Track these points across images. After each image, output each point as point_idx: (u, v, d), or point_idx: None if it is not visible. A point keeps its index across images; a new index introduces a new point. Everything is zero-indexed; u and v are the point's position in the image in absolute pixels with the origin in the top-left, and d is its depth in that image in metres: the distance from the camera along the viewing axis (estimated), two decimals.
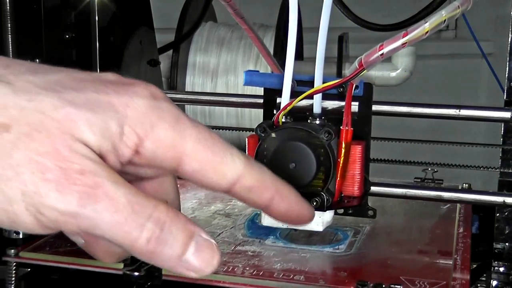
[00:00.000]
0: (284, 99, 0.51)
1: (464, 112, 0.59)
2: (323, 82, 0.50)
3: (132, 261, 0.56)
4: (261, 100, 0.59)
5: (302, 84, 0.52)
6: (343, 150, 0.50)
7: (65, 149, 0.29)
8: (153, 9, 0.94)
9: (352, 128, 0.50)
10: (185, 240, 0.31)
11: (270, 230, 0.64)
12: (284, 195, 0.36)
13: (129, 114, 0.31)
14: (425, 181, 0.70)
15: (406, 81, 1.08)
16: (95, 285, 0.59)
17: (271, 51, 0.95)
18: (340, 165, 0.50)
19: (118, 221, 0.29)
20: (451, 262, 0.57)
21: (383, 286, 0.51)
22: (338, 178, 0.50)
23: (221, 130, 1.03)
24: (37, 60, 0.68)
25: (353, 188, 0.52)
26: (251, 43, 1.01)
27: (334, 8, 0.50)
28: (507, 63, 0.66)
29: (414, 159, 0.75)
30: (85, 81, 0.31)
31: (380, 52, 0.47)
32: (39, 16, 0.73)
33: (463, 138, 0.79)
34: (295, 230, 0.63)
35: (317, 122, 0.51)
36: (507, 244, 0.66)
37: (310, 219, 0.38)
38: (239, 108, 0.99)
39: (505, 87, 0.66)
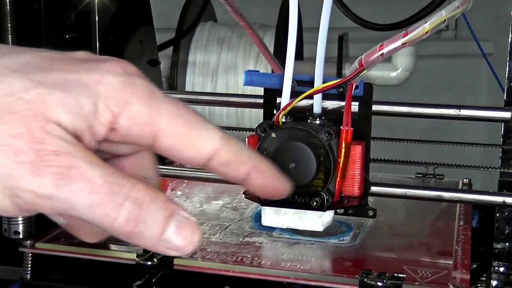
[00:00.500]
0: (284, 99, 0.51)
1: (464, 112, 0.59)
2: (323, 82, 0.50)
3: (144, 251, 0.57)
4: (261, 100, 0.59)
5: (302, 84, 0.52)
6: (343, 150, 0.50)
7: (38, 130, 0.29)
8: (153, 9, 0.94)
9: (352, 128, 0.50)
10: (165, 219, 0.30)
11: None
12: (261, 170, 0.36)
13: (102, 92, 0.31)
14: (427, 176, 0.70)
15: (406, 81, 1.08)
16: (108, 274, 0.61)
17: (271, 51, 0.95)
18: (340, 165, 0.50)
19: (95, 202, 0.29)
20: (452, 253, 0.58)
21: (387, 275, 0.52)
22: (338, 178, 0.50)
23: None
24: None
25: (353, 188, 0.52)
26: (251, 43, 1.01)
27: (334, 8, 0.50)
28: (507, 63, 0.65)
29: (414, 159, 0.75)
30: (55, 60, 0.31)
31: (380, 52, 0.47)
32: (39, 16, 0.73)
33: (463, 138, 0.79)
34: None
35: (317, 122, 0.51)
36: (507, 244, 0.66)
37: (286, 193, 0.38)
38: (239, 108, 0.99)
39: (505, 87, 0.66)
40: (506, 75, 0.66)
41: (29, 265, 0.60)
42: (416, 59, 1.07)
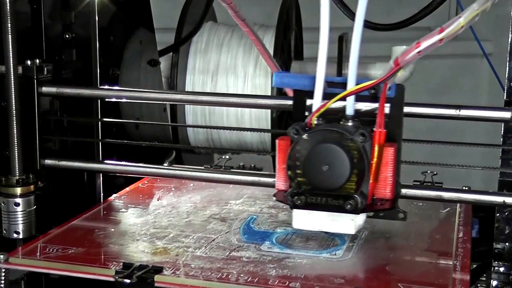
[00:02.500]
0: (316, 101, 0.50)
1: (464, 112, 0.59)
2: (356, 84, 0.50)
3: (124, 268, 0.55)
4: (261, 100, 0.59)
5: (332, 86, 0.51)
6: (376, 152, 0.49)
7: None
8: (153, 9, 0.94)
9: (385, 130, 0.49)
10: None
11: (266, 235, 0.63)
12: None
13: None
14: (424, 184, 0.69)
15: (406, 81, 1.08)
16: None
17: (271, 51, 0.95)
18: (373, 167, 0.49)
19: None
20: (451, 265, 0.56)
21: None
22: (371, 181, 0.50)
23: (221, 130, 1.03)
24: (37, 60, 0.68)
25: (385, 190, 0.51)
26: (251, 43, 1.01)
27: (334, 7, 0.49)
28: (507, 63, 0.65)
29: (414, 159, 0.75)
30: None
31: (417, 50, 0.46)
32: (39, 16, 0.73)
33: (463, 138, 0.79)
34: (287, 233, 0.63)
35: (350, 124, 0.50)
36: (507, 244, 0.66)
37: None
38: (239, 108, 0.99)
39: (505, 87, 0.66)
40: (506, 75, 0.66)
41: (3, 280, 0.58)
42: (416, 59, 1.07)
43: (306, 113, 0.52)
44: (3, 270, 0.58)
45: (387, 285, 0.53)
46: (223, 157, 0.77)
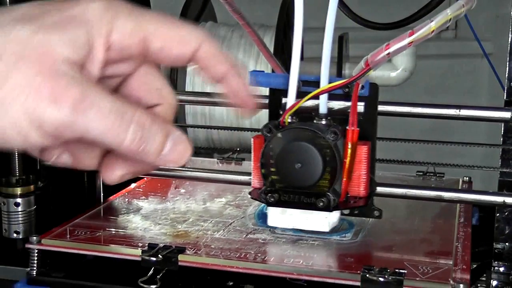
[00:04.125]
0: (290, 99, 0.51)
1: (464, 112, 0.59)
2: (329, 83, 0.50)
3: (149, 247, 0.58)
4: (261, 100, 0.59)
5: (307, 85, 0.52)
6: (349, 150, 0.50)
7: (49, 69, 0.33)
8: (153, 9, 0.94)
9: (358, 128, 0.50)
10: (163, 138, 0.36)
11: None
12: (238, 72, 0.41)
13: (90, 19, 0.35)
14: (427, 174, 0.71)
15: (406, 81, 1.08)
16: (113, 270, 0.61)
17: (271, 51, 0.95)
18: (347, 165, 0.50)
19: (106, 126, 0.34)
20: (452, 249, 0.59)
21: (388, 270, 0.53)
22: (344, 179, 0.50)
23: (221, 130, 1.03)
24: None
25: (359, 188, 0.52)
26: (251, 43, 1.01)
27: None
28: (507, 63, 0.66)
29: (415, 159, 0.75)
30: (44, 7, 0.36)
31: (386, 52, 0.47)
32: None
33: (463, 138, 0.79)
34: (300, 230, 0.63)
35: (323, 122, 0.51)
36: (507, 244, 0.66)
37: (253, 106, 0.43)
38: (239, 108, 0.99)
39: (505, 87, 0.66)
40: (506, 75, 0.66)
41: (35, 261, 0.61)
42: (416, 59, 1.07)
43: (281, 112, 0.53)
44: (36, 250, 0.61)
45: (393, 263, 0.55)
46: (225, 156, 0.79)
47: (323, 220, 0.52)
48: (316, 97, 0.50)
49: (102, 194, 0.78)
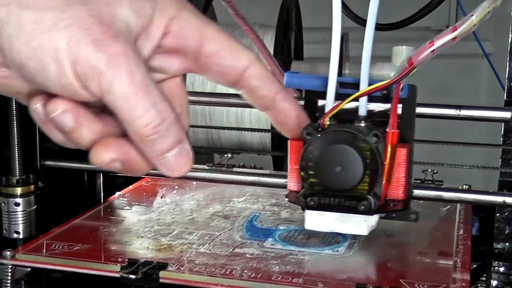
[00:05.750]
0: (329, 102, 0.50)
1: (464, 112, 0.59)
2: (369, 84, 0.50)
3: (129, 264, 0.56)
4: None
5: (344, 86, 0.51)
6: (389, 153, 0.49)
7: (108, 16, 0.34)
8: None
9: (398, 131, 0.49)
10: (174, 142, 0.35)
11: (269, 232, 0.64)
12: (287, 95, 0.41)
13: (160, 0, 0.36)
14: (425, 182, 0.70)
15: (406, 81, 1.07)
16: (93, 286, 0.59)
17: (271, 51, 0.95)
18: (386, 168, 0.49)
19: (130, 93, 0.33)
20: (451, 264, 0.57)
21: None
22: (384, 182, 0.49)
23: (221, 130, 1.03)
24: None
25: (398, 191, 0.50)
26: (251, 43, 1.01)
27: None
28: (507, 63, 0.66)
29: (414, 159, 0.75)
30: None
31: (431, 49, 0.46)
32: None
33: (463, 138, 0.79)
34: (290, 230, 0.63)
35: (363, 124, 0.50)
36: (507, 244, 0.66)
37: (304, 125, 0.43)
38: (239, 108, 0.99)
39: (505, 87, 0.66)
40: (506, 75, 0.66)
41: (9, 277, 0.58)
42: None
43: (317, 114, 0.52)
44: (10, 266, 0.58)
45: (388, 281, 0.54)
46: (225, 156, 0.78)
47: (362, 224, 0.51)
48: (356, 99, 0.50)
49: (102, 194, 0.78)
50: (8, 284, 0.58)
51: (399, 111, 0.52)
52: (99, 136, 0.37)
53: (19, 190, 0.68)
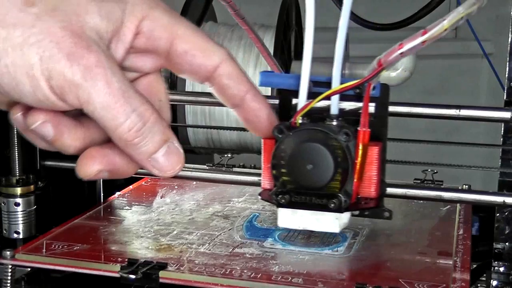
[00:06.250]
0: (301, 100, 0.50)
1: (464, 112, 0.59)
2: (341, 83, 0.50)
3: (129, 264, 0.56)
4: (270, 101, 0.58)
5: (318, 85, 0.51)
6: (360, 152, 0.49)
7: (78, 26, 0.34)
8: None
9: (369, 129, 0.50)
10: (160, 141, 0.35)
11: (268, 232, 0.64)
12: (257, 95, 0.41)
13: (130, 0, 0.36)
14: (425, 182, 0.70)
15: (406, 81, 1.08)
16: (93, 286, 0.59)
17: (271, 51, 0.95)
18: (358, 166, 0.50)
19: (109, 103, 0.34)
20: (451, 264, 0.57)
21: None
22: (356, 180, 0.50)
23: (221, 130, 1.03)
24: None
25: (370, 189, 0.51)
26: (251, 43, 1.01)
27: (334, 7, 0.50)
28: (507, 63, 0.66)
29: (414, 159, 0.75)
30: None
31: (400, 51, 0.46)
32: None
33: (463, 138, 0.79)
34: (289, 230, 0.63)
35: (335, 123, 0.50)
36: (507, 244, 0.66)
37: (272, 127, 0.43)
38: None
39: (505, 87, 0.66)
40: (506, 75, 0.66)
41: (9, 277, 0.58)
42: (416, 59, 1.07)
43: (292, 113, 0.53)
44: (10, 266, 0.58)
45: (388, 281, 0.54)
46: (225, 156, 0.78)
47: (333, 221, 0.52)
48: (327, 98, 0.50)
49: (102, 194, 0.78)
50: (8, 284, 0.58)
51: (372, 110, 0.52)
52: (82, 142, 0.37)
53: (19, 190, 0.68)
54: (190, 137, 1.06)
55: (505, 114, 0.59)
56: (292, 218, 0.52)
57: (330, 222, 0.52)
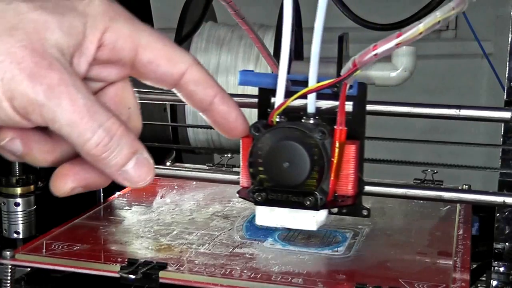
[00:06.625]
0: (278, 99, 0.51)
1: (464, 112, 0.59)
2: (318, 82, 0.50)
3: (129, 264, 0.56)
4: (251, 100, 0.59)
5: (297, 84, 0.52)
6: (336, 150, 0.50)
7: (38, 45, 0.33)
8: (153, 9, 0.94)
9: (346, 128, 0.50)
10: (129, 154, 0.35)
11: (268, 232, 0.64)
12: (225, 98, 0.41)
13: (90, 13, 0.36)
14: (425, 182, 0.70)
15: (406, 81, 1.08)
16: (93, 286, 0.59)
17: (271, 51, 0.95)
18: (334, 164, 0.50)
19: (75, 120, 0.33)
20: (451, 264, 0.57)
21: None
22: (332, 178, 0.50)
23: None
24: None
25: (347, 187, 0.51)
26: (251, 43, 1.01)
27: (334, 7, 0.50)
28: (507, 63, 0.66)
29: (414, 159, 0.75)
30: None
31: (374, 52, 0.47)
32: None
33: (463, 138, 0.79)
34: (290, 230, 0.63)
35: (311, 121, 0.51)
36: (507, 244, 0.67)
37: (245, 131, 0.43)
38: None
39: (505, 87, 0.66)
40: (506, 75, 0.66)
41: (9, 277, 0.58)
42: (416, 59, 1.07)
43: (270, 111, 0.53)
44: (10, 266, 0.58)
45: (388, 281, 0.54)
46: (225, 156, 0.78)
47: (310, 219, 0.52)
48: (305, 96, 0.50)
49: (102, 194, 0.78)
50: (8, 284, 0.58)
51: (349, 108, 0.52)
52: (53, 156, 0.37)
53: (19, 190, 0.68)
54: (190, 137, 1.06)
55: (505, 114, 0.59)
56: (269, 216, 0.53)
57: (307, 219, 0.52)
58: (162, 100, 0.82)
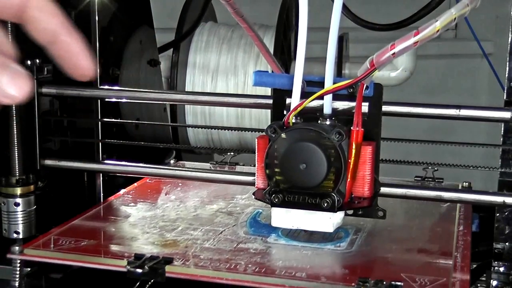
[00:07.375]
0: (294, 100, 0.50)
1: (464, 112, 0.59)
2: (334, 83, 0.50)
3: (135, 259, 0.57)
4: (261, 100, 0.59)
5: (312, 85, 0.51)
6: (353, 151, 0.49)
7: None
8: (153, 9, 0.94)
9: (362, 129, 0.50)
10: None
11: (272, 228, 0.64)
12: (70, 29, 0.39)
13: None
14: (426, 179, 0.70)
15: (406, 81, 1.08)
16: (99, 282, 0.60)
17: (271, 51, 0.95)
18: (351, 166, 0.50)
19: None
20: (451, 260, 0.57)
21: (384, 283, 0.51)
22: (349, 179, 0.50)
23: (221, 130, 1.03)
24: (37, 60, 0.68)
25: (364, 189, 0.51)
26: (251, 43, 1.01)
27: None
28: (507, 63, 0.65)
29: (414, 159, 0.75)
30: None
31: (392, 52, 0.46)
32: None
33: (463, 138, 0.79)
34: (303, 230, 0.63)
35: (328, 122, 0.50)
36: (507, 244, 0.66)
37: (88, 69, 0.40)
38: (239, 108, 0.99)
39: (505, 87, 0.66)
40: (506, 75, 0.66)
41: (18, 272, 0.59)
42: (416, 59, 1.07)
43: (285, 112, 0.52)
44: (19, 261, 0.59)
45: (390, 275, 0.54)
46: (228, 154, 0.78)
47: (327, 221, 0.52)
48: (321, 97, 0.50)
49: (102, 194, 0.78)
50: (17, 279, 0.59)
51: (366, 109, 0.52)
52: None
53: (19, 190, 0.68)
54: (190, 137, 1.06)
55: (505, 114, 0.59)
56: (285, 218, 0.52)
57: (323, 221, 0.52)
58: (162, 100, 0.82)
